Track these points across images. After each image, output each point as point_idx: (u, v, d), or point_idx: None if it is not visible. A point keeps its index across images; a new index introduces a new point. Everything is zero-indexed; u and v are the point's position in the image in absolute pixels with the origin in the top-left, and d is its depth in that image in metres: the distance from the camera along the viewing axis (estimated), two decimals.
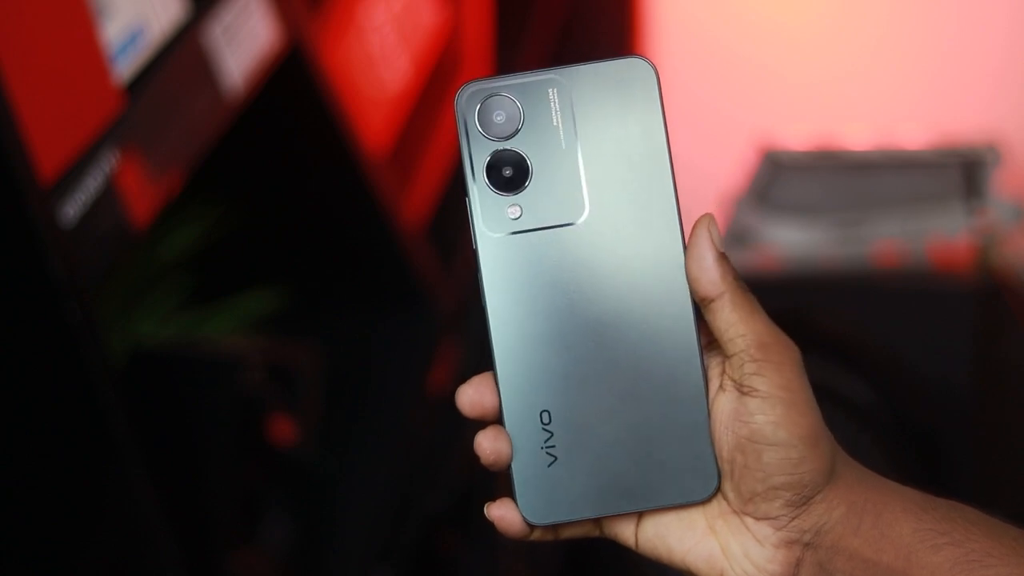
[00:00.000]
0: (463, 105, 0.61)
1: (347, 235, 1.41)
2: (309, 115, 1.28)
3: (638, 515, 0.63)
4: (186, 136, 1.03)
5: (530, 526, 0.62)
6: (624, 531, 0.63)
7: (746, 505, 0.61)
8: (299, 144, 1.31)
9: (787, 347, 0.60)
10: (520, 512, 0.62)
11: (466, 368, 1.50)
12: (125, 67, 0.97)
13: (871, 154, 1.85)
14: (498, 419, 0.62)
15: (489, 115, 0.61)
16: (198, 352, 1.19)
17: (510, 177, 0.61)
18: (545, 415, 0.62)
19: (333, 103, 1.28)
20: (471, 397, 0.62)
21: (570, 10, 2.24)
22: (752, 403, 0.59)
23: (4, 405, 0.89)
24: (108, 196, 0.91)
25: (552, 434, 0.62)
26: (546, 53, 2.02)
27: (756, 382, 0.59)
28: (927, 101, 2.25)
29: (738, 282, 0.61)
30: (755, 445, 0.59)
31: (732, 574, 0.61)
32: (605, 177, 0.61)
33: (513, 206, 0.61)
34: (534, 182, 0.61)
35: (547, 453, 0.62)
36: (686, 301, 0.61)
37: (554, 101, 0.61)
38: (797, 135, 1.89)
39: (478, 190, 0.61)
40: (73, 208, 0.87)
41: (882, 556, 0.60)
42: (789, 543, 0.60)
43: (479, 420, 0.63)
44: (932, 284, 1.75)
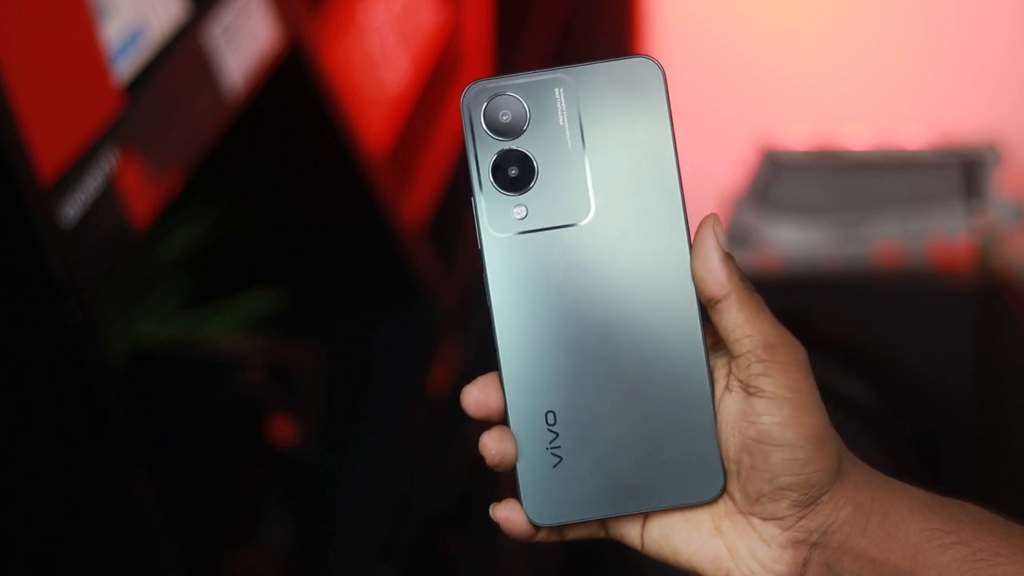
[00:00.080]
0: (469, 104, 0.61)
1: (347, 235, 1.41)
2: (309, 115, 1.27)
3: (644, 516, 0.62)
4: (186, 136, 1.02)
5: (535, 527, 0.62)
6: (630, 532, 0.63)
7: (753, 506, 0.60)
8: (299, 144, 1.31)
9: (794, 348, 0.60)
10: (525, 513, 0.62)
11: (466, 368, 1.50)
12: (125, 67, 0.97)
13: (871, 154, 1.85)
14: (503, 419, 0.62)
15: (495, 114, 0.61)
16: (198, 352, 1.18)
17: (516, 177, 0.61)
18: (550, 416, 0.61)
19: (333, 103, 1.28)
20: (476, 397, 0.62)
21: (570, 10, 2.24)
22: (759, 404, 0.59)
23: (4, 405, 0.89)
24: (108, 196, 0.91)
25: (557, 435, 0.61)
26: (546, 53, 2.02)
27: (763, 383, 0.59)
28: (927, 101, 2.25)
29: (744, 282, 0.60)
30: (762, 446, 0.59)
31: (738, 574, 0.61)
32: (611, 177, 0.61)
33: (519, 206, 0.61)
34: (540, 182, 0.61)
35: (552, 454, 0.61)
36: (692, 301, 0.61)
37: (560, 101, 0.61)
38: (797, 135, 1.89)
39: (483, 190, 0.61)
40: (73, 208, 0.87)
41: (889, 556, 0.59)
42: (796, 543, 0.60)
43: (484, 420, 0.63)
44: (932, 284, 1.75)
